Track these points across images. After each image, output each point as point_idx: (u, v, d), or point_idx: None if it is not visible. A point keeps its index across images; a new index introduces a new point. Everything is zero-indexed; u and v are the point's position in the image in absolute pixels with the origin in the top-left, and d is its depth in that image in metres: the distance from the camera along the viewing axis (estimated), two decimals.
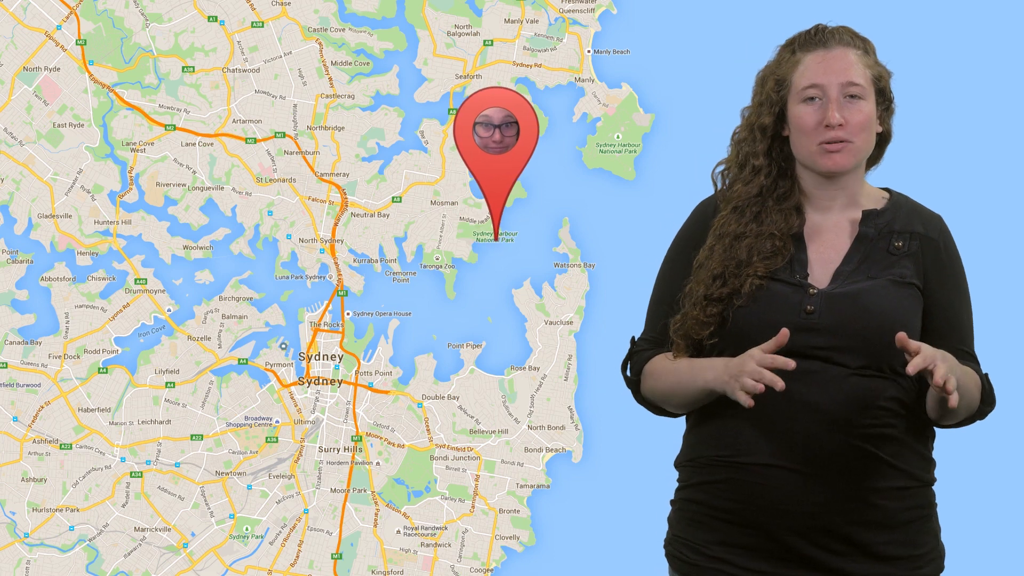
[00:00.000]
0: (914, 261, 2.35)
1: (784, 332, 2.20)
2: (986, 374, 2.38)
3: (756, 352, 2.21)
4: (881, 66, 2.40)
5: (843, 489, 2.26)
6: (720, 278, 2.36)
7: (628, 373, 2.49)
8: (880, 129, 2.40)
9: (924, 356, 2.13)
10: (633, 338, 2.50)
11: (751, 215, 2.39)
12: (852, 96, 2.34)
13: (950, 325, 2.36)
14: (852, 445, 2.26)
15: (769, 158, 2.41)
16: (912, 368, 2.12)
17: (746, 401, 2.19)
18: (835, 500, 2.26)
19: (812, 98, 2.35)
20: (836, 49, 2.36)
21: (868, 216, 2.38)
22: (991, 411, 2.38)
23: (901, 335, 2.17)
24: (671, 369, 2.39)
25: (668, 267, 2.48)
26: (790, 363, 2.17)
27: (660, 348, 2.45)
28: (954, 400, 2.14)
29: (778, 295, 2.32)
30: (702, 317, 2.36)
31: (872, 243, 2.36)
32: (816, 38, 2.38)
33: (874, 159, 2.45)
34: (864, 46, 2.38)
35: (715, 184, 2.48)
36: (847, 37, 2.38)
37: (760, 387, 2.16)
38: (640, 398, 2.49)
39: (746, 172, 2.42)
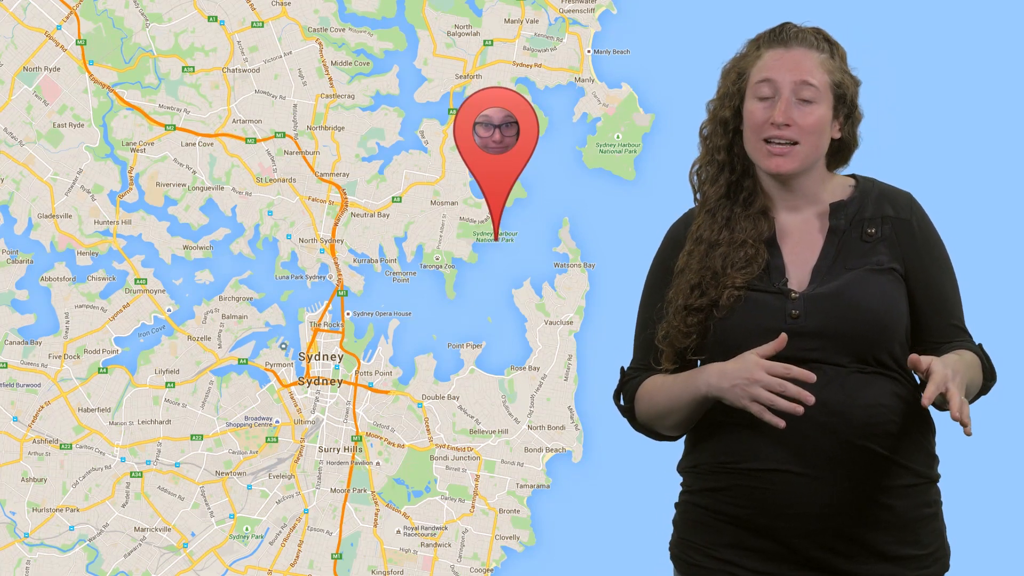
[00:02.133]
0: (889, 245, 2.33)
1: (783, 337, 2.19)
2: (979, 345, 2.36)
3: (755, 358, 2.19)
4: (846, 74, 2.36)
5: (850, 489, 2.25)
6: (698, 288, 2.34)
7: (621, 402, 2.47)
8: (838, 136, 2.37)
9: (936, 383, 2.11)
10: (622, 368, 2.48)
11: (722, 220, 2.37)
12: (805, 100, 2.30)
13: (938, 301, 2.34)
14: (856, 444, 2.24)
15: (731, 153, 2.39)
16: (927, 400, 2.09)
17: (774, 420, 2.15)
18: (842, 501, 2.24)
19: (766, 97, 2.32)
20: (796, 50, 2.33)
21: (836, 208, 2.36)
22: (993, 384, 2.37)
23: (913, 357, 2.16)
24: (662, 386, 2.37)
25: (648, 295, 2.46)
26: (811, 376, 2.16)
27: (650, 374, 2.43)
28: (969, 428, 2.11)
29: (760, 304, 2.31)
30: (682, 327, 2.34)
31: (845, 235, 2.34)
32: (780, 36, 2.36)
33: (841, 161, 2.42)
34: (831, 50, 2.35)
35: (692, 186, 2.46)
36: (812, 39, 2.34)
37: (799, 409, 2.13)
38: (636, 425, 2.46)
39: (713, 170, 2.40)
